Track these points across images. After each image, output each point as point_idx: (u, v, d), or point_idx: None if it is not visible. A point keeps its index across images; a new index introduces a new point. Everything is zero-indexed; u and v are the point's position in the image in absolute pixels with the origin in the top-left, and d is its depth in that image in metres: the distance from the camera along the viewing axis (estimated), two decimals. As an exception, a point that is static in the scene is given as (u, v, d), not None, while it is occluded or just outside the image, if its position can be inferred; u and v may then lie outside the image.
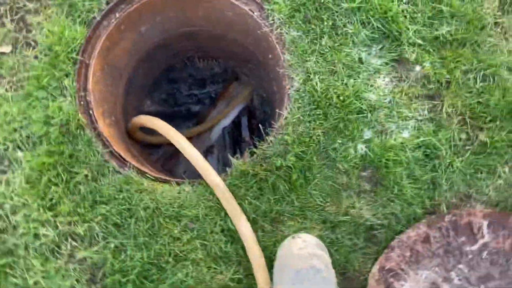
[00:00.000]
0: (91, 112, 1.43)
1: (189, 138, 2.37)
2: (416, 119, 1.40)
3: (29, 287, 1.31)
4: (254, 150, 1.40)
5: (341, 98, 1.38)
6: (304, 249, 1.24)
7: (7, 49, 1.44)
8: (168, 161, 2.46)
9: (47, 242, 1.33)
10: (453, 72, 1.39)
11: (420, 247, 1.29)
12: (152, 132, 1.72)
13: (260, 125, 1.52)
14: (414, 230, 1.31)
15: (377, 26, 1.43)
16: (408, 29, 1.42)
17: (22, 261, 1.33)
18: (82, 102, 1.43)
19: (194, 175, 1.45)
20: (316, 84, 1.40)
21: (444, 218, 1.31)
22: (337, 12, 1.45)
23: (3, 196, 1.36)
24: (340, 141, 1.38)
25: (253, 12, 1.49)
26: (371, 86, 1.42)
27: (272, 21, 1.47)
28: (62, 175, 1.36)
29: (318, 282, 1.17)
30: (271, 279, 1.27)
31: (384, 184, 1.36)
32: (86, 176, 1.37)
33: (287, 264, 1.23)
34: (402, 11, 1.44)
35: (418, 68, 1.43)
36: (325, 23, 1.44)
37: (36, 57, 1.43)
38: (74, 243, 1.34)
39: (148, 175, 1.40)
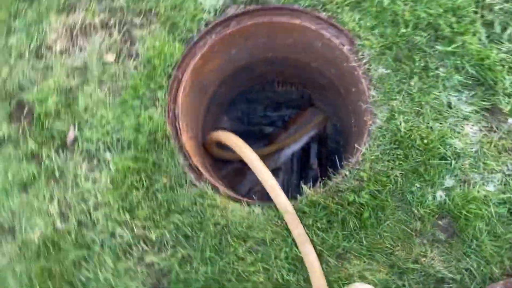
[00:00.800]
0: (177, 124, 1.51)
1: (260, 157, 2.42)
2: (503, 173, 1.33)
3: (100, 281, 1.39)
4: (328, 181, 1.40)
5: (425, 141, 1.35)
6: None
7: (111, 57, 1.57)
8: (234, 177, 2.52)
9: (121, 242, 1.41)
10: (552, 129, 1.31)
11: (495, 310, 1.21)
12: (226, 147, 1.78)
13: (334, 156, 1.51)
14: (490, 290, 1.23)
15: (471, 73, 1.39)
16: (505, 78, 1.37)
17: (96, 257, 1.42)
18: (171, 114, 1.52)
19: (259, 194, 1.48)
20: (400, 124, 1.38)
21: (525, 283, 1.22)
22: (430, 54, 1.43)
23: (88, 192, 1.46)
24: (418, 185, 1.34)
25: (343, 46, 1.51)
26: (458, 133, 1.37)
27: (362, 56, 1.48)
28: (144, 181, 1.44)
29: None
30: None
31: (461, 237, 1.30)
32: (165, 184, 1.44)
33: None
34: (500, 60, 1.38)
35: (511, 120, 1.36)
36: (416, 63, 1.42)
37: (136, 68, 1.54)
38: (145, 247, 1.41)
39: (221, 191, 1.45)
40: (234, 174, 2.54)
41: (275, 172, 2.59)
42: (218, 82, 1.92)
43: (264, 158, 2.52)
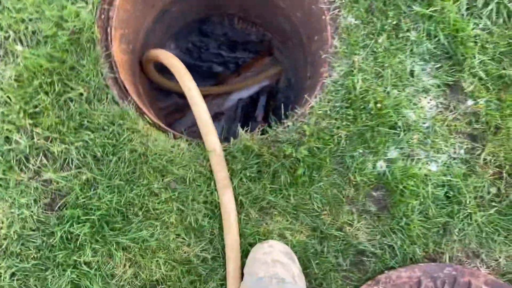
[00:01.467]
0: (109, 29, 1.28)
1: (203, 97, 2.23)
2: (449, 155, 1.25)
3: (-17, 190, 1.18)
4: (267, 129, 1.26)
5: (378, 105, 1.23)
6: (269, 255, 1.11)
7: None
8: (172, 114, 2.32)
9: (17, 151, 1.20)
10: (507, 119, 1.24)
11: (408, 291, 1.16)
12: (165, 72, 1.58)
13: (282, 105, 1.37)
14: (408, 271, 1.17)
15: (442, 43, 1.28)
16: (475, 57, 1.27)
17: (-16, 162, 1.20)
18: (103, 16, 1.28)
19: (193, 135, 1.32)
20: (357, 81, 1.25)
21: (443, 269, 1.17)
22: (405, 13, 1.29)
23: (-14, 86, 1.22)
24: (361, 151, 1.23)
25: (316, -16, 1.34)
26: (414, 104, 1.27)
27: (333, 0, 1.31)
28: (56, 85, 1.22)
29: None
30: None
31: (392, 212, 1.22)
32: (81, 95, 1.23)
33: (250, 270, 1.11)
34: (475, 36, 1.28)
35: (470, 102, 1.28)
36: (389, 20, 1.28)
37: (70, -50, 1.27)
38: (44, 160, 1.21)
39: (146, 117, 1.26)
40: (173, 110, 2.34)
41: (217, 116, 2.42)
42: (169, -1, 1.68)
43: (208, 98, 2.35)
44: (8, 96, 1.21)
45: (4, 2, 1.25)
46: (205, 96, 1.94)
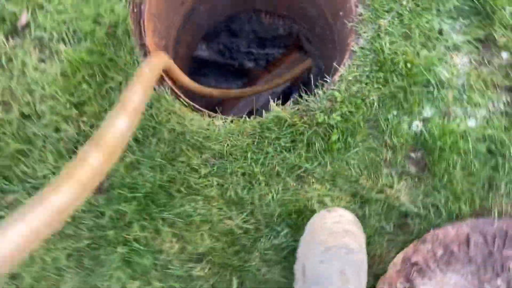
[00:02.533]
0: (141, 22, 1.36)
1: (237, 99, 2.28)
2: (488, 109, 1.22)
3: (38, 178, 1.27)
4: (299, 99, 1.28)
5: (409, 65, 1.23)
6: (339, 224, 1.09)
7: None
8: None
9: (65, 139, 1.28)
10: (547, 66, 1.20)
11: (456, 248, 1.12)
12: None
13: (312, 78, 1.39)
14: (455, 228, 1.14)
15: (469, -2, 1.26)
16: (505, 9, 1.24)
17: (37, 152, 1.29)
18: (135, 10, 1.37)
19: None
20: (385, 44, 1.25)
21: (493, 224, 1.13)
22: (428, -27, 1.29)
23: (35, 83, 1.32)
24: (395, 113, 1.23)
25: (335, -43, 1.37)
26: (446, 62, 1.25)
27: (353, -30, 1.33)
28: (98, 76, 1.30)
29: (350, 263, 1.03)
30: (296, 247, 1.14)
31: (432, 171, 1.20)
32: (121, 83, 1.31)
33: (316, 239, 1.08)
34: (503, -13, 1.26)
35: (505, 55, 1.24)
36: (412, -19, 1.29)
37: (102, -47, 1.37)
38: (91, 147, 1.28)
39: (181, 100, 1.32)
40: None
41: (251, 113, 2.47)
42: (198, -5, 1.76)
43: (242, 98, 2.40)
44: (55, 91, 1.30)
45: (46, 6, 1.36)
46: (238, 98, 1.98)
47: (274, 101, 1.32)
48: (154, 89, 1.31)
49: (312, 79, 2.33)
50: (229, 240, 1.21)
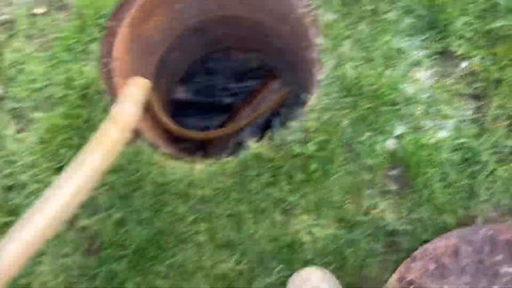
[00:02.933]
0: (112, 80, 1.40)
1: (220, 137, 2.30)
2: (456, 119, 1.25)
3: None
4: (274, 134, 1.31)
5: (374, 87, 1.26)
6: (308, 282, 1.12)
7: (41, 10, 1.45)
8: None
9: (50, 205, 1.29)
10: (505, 69, 1.24)
11: (447, 261, 1.13)
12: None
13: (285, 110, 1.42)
14: (443, 240, 1.15)
15: (422, 15, 1.31)
16: (457, 20, 1.29)
17: (24, 222, 1.29)
18: (104, 69, 1.40)
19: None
20: (348, 70, 1.29)
21: (479, 231, 1.14)
22: (379, -3, 1.34)
23: (14, 154, 1.34)
24: (368, 134, 1.25)
25: (289, -7, 1.42)
26: (409, 78, 1.29)
27: (309, 3, 1.38)
28: (75, 139, 1.32)
29: None
30: None
31: (413, 186, 1.22)
32: (98, 143, 1.33)
33: None
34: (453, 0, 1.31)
35: (464, 64, 1.29)
36: (366, 7, 1.34)
37: (66, 20, 1.42)
38: (78, 210, 1.29)
39: (159, 150, 1.34)
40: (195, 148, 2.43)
41: (237, 147, 2.50)
42: (167, 43, 1.81)
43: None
44: (35, 159, 1.32)
45: (18, 77, 1.39)
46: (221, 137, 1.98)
47: (254, 135, 1.35)
48: (133, 142, 1.34)
49: (291, 107, 2.38)
50: (225, 284, 1.21)
